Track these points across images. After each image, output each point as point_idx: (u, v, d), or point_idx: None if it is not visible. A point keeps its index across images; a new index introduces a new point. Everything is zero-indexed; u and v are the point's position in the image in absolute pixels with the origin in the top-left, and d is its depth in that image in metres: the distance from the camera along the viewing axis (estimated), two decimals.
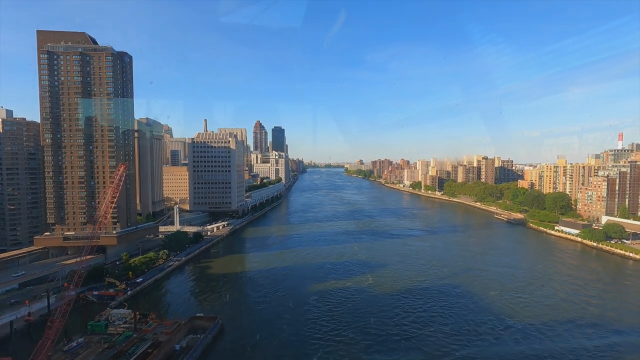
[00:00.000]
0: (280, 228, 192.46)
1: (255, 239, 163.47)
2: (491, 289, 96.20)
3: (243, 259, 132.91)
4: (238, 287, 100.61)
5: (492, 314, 78.36)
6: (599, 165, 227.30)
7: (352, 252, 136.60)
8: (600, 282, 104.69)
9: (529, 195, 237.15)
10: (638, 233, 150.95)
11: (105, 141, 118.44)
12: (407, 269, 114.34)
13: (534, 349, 62.64)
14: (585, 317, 77.74)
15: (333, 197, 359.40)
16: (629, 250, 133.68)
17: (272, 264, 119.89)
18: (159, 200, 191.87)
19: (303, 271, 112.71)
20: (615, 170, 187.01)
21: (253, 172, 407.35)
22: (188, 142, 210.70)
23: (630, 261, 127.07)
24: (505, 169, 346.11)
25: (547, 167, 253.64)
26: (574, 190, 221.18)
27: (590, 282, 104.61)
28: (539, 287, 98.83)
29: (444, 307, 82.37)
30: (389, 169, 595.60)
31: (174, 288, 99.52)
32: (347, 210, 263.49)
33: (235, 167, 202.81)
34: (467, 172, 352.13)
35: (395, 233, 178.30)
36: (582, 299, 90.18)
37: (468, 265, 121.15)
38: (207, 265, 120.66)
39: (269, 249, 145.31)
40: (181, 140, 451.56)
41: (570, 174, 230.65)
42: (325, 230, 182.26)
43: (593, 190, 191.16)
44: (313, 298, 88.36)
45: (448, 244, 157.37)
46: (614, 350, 62.96)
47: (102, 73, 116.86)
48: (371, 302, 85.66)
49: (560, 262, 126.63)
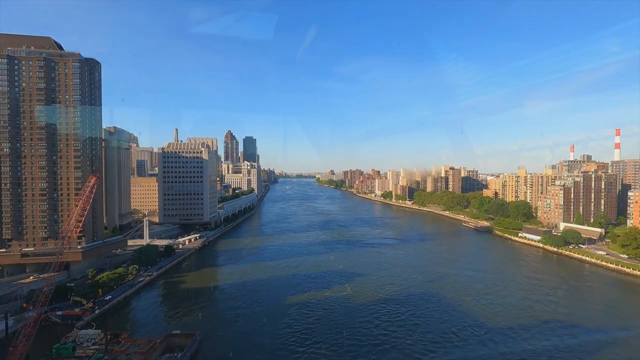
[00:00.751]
0: (255, 239, 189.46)
1: (229, 251, 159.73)
2: (465, 294, 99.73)
3: (217, 272, 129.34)
4: (213, 301, 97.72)
5: (469, 319, 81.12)
6: (555, 175, 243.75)
7: (329, 262, 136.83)
8: (565, 285, 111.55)
9: (494, 203, 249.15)
10: (592, 238, 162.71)
11: (71, 151, 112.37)
12: (383, 277, 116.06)
13: (512, 351, 65.48)
14: (555, 318, 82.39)
15: (306, 207, 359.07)
16: (585, 254, 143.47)
17: (247, 277, 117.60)
18: (127, 212, 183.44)
19: (280, 283, 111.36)
20: (570, 180, 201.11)
21: (224, 182, 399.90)
22: (158, 152, 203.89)
23: (586, 265, 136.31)
24: (471, 178, 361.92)
25: (510, 177, 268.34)
26: (534, 199, 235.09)
27: (555, 285, 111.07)
28: (510, 291, 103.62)
29: (424, 314, 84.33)
30: (361, 179, 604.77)
31: (146, 305, 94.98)
32: (321, 220, 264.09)
33: (208, 177, 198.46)
34: (435, 182, 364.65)
35: (369, 242, 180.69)
36: (550, 300, 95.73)
37: (441, 271, 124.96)
38: (179, 279, 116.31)
39: (244, 261, 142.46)
40: (148, 149, 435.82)
41: (531, 184, 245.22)
42: (301, 241, 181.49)
43: (551, 198, 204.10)
44: (293, 309, 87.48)
45: (421, 251, 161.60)
46: (584, 348, 67.16)
47: (69, 80, 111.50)
48: (352, 311, 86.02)
49: (526, 267, 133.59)
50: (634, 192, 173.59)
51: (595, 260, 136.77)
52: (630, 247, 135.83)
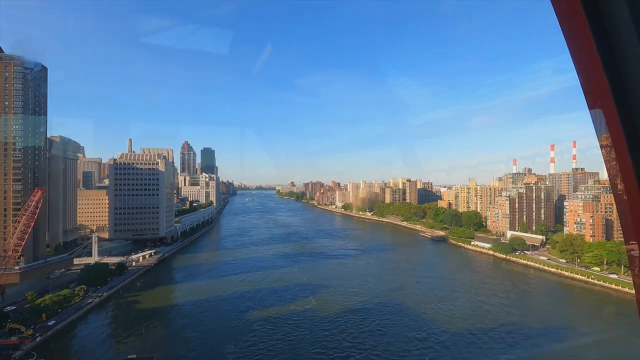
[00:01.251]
0: (214, 254, 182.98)
1: (188, 267, 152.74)
2: (426, 301, 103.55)
3: (175, 289, 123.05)
4: (172, 320, 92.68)
5: (432, 325, 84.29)
6: (501, 187, 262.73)
7: (292, 275, 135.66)
8: (515, 289, 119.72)
9: (448, 214, 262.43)
10: (535, 245, 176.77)
11: (10, 162, 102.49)
12: (347, 288, 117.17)
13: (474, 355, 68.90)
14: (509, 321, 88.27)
15: (267, 220, 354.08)
16: (530, 260, 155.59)
17: (208, 293, 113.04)
18: (72, 228, 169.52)
19: (243, 298, 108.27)
20: (515, 191, 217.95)
21: (181, 195, 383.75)
22: (109, 163, 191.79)
23: (531, 270, 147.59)
24: (427, 190, 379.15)
25: (462, 189, 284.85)
26: (484, 209, 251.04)
27: (507, 289, 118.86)
28: (467, 297, 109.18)
29: (388, 323, 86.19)
30: (321, 190, 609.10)
31: (97, 328, 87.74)
32: (283, 232, 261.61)
33: (165, 190, 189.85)
34: (394, 194, 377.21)
35: (332, 253, 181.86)
36: (503, 303, 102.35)
37: (402, 280, 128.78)
38: (134, 299, 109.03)
39: (204, 276, 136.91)
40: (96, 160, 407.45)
41: (480, 195, 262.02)
42: (263, 254, 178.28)
43: (499, 208, 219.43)
44: (257, 325, 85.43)
45: (382, 261, 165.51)
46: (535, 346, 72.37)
47: (9, 85, 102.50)
48: (318, 324, 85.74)
49: (479, 273, 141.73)
50: (569, 202, 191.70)
51: (538, 265, 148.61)
52: (567, 252, 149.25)
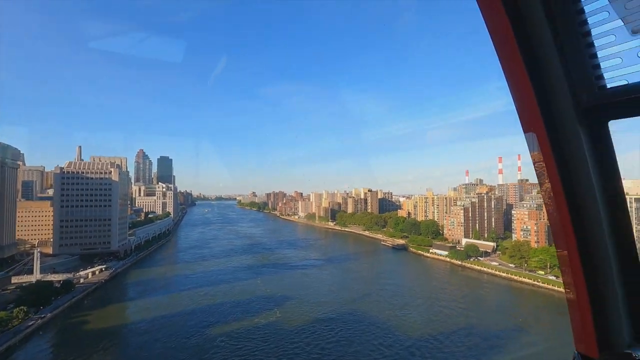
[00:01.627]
0: (173, 268, 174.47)
1: (143, 282, 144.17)
2: (389, 308, 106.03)
3: (129, 307, 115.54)
4: (126, 341, 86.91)
5: (396, 331, 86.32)
6: (456, 196, 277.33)
7: (256, 287, 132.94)
8: (471, 293, 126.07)
9: (408, 223, 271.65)
10: (487, 251, 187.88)
11: None
12: (312, 298, 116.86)
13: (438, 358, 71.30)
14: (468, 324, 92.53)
15: (228, 231, 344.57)
16: (483, 266, 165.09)
17: (166, 310, 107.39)
18: (10, 243, 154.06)
19: (204, 313, 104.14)
20: (468, 200, 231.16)
21: (135, 206, 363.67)
22: (55, 172, 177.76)
23: (485, 275, 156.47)
24: (387, 200, 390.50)
25: (420, 199, 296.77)
26: (440, 218, 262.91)
27: (464, 294, 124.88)
28: (427, 302, 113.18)
29: (354, 331, 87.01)
30: (284, 201, 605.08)
31: (39, 354, 79.94)
32: (245, 244, 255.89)
33: (118, 201, 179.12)
34: (356, 204, 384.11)
35: (295, 264, 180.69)
36: (461, 307, 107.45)
37: (365, 288, 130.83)
38: (82, 319, 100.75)
39: (161, 292, 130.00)
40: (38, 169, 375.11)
41: (437, 204, 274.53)
42: (225, 267, 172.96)
43: (454, 217, 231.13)
44: (220, 340, 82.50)
45: (345, 270, 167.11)
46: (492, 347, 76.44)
47: None
48: (284, 336, 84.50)
49: (438, 280, 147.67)
50: (516, 211, 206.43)
51: (491, 270, 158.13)
52: (516, 257, 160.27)
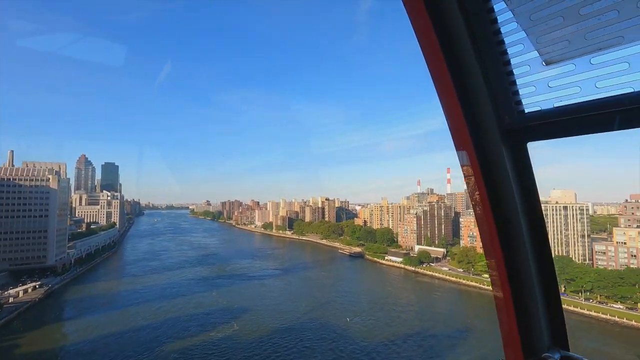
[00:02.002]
0: (119, 282, 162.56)
1: (84, 300, 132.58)
2: (347, 315, 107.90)
3: (68, 326, 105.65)
4: None
5: (355, 337, 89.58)
6: (409, 205, 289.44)
7: (212, 300, 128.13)
8: (425, 298, 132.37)
9: (364, 231, 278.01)
10: (438, 257, 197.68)
11: None
12: (269, 309, 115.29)
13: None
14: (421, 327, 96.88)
15: (180, 242, 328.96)
16: (435, 271, 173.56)
17: (111, 328, 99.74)
18: None
19: (156, 329, 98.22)
20: (420, 209, 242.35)
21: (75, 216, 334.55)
22: None
23: (436, 280, 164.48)
24: (344, 208, 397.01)
25: (375, 207, 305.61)
26: (395, 226, 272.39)
27: (417, 299, 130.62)
28: (383, 308, 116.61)
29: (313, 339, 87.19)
30: (240, 210, 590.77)
31: None
32: (199, 255, 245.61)
33: (56, 211, 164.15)
34: (313, 212, 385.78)
35: (252, 274, 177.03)
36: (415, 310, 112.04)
37: (323, 296, 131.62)
38: (12, 342, 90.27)
39: (106, 309, 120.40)
40: None
41: (392, 213, 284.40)
42: (177, 280, 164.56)
43: (407, 225, 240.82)
44: (172, 357, 78.39)
45: (302, 279, 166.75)
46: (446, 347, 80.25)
47: None
48: (243, 349, 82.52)
49: (393, 285, 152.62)
50: (463, 219, 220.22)
51: (442, 275, 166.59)
52: (464, 262, 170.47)
